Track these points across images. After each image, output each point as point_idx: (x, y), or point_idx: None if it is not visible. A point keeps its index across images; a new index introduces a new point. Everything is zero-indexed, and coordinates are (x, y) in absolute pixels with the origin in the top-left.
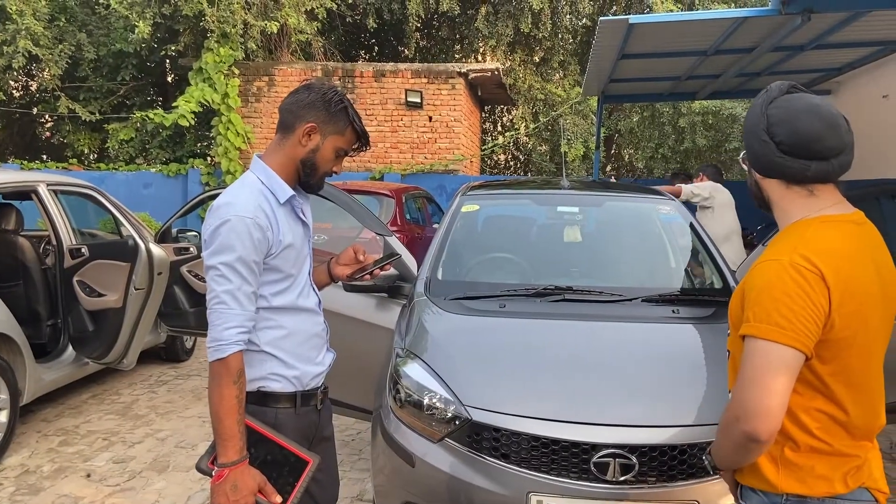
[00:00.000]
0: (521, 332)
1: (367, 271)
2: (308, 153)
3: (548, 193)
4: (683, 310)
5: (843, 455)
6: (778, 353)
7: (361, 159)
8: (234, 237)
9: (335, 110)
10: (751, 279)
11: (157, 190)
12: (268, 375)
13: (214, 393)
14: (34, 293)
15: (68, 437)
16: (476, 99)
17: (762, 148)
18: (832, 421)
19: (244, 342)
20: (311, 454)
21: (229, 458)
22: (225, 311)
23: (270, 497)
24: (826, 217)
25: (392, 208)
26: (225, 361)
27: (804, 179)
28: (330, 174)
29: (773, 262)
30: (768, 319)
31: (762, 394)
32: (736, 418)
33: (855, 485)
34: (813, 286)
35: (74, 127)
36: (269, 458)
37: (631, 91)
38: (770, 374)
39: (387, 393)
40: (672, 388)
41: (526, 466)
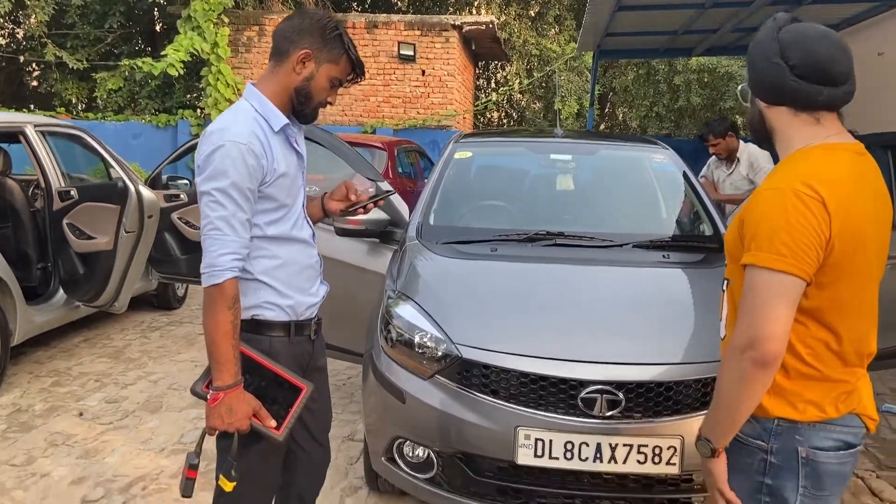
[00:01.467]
0: (512, 275)
1: (360, 205)
2: (302, 81)
3: (541, 141)
4: (674, 255)
5: (833, 381)
6: (780, 280)
7: (353, 113)
8: (228, 163)
9: (330, 37)
10: (751, 208)
11: (147, 140)
12: (262, 304)
13: (209, 318)
14: (23, 236)
15: (60, 379)
16: (470, 53)
17: (774, 72)
18: (825, 347)
19: (239, 269)
20: (305, 381)
21: (224, 381)
22: (220, 237)
23: (265, 421)
24: (828, 144)
25: (384, 161)
26: (220, 287)
27: (814, 105)
28: (324, 104)
29: (774, 190)
30: (770, 248)
31: (767, 321)
32: (742, 349)
33: (846, 410)
34: (814, 213)
35: (62, 75)
36: (264, 384)
37: (627, 46)
38: (773, 301)
39: (378, 333)
40: (660, 328)
41: (514, 402)
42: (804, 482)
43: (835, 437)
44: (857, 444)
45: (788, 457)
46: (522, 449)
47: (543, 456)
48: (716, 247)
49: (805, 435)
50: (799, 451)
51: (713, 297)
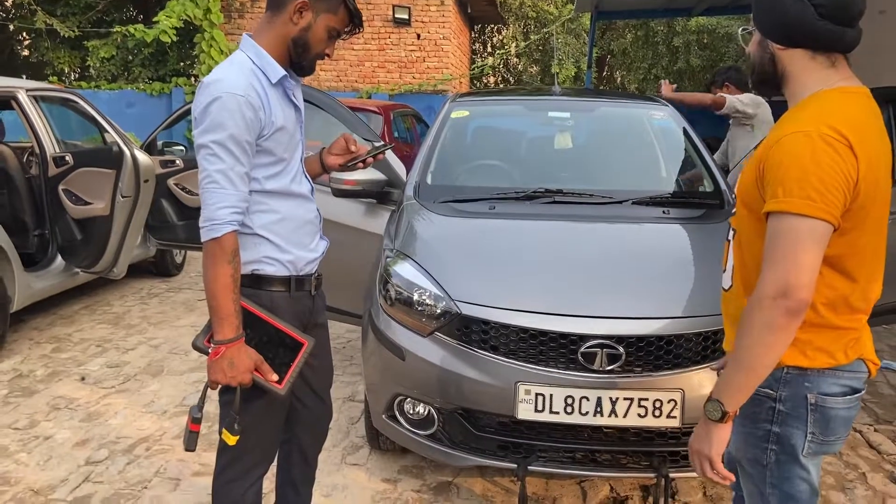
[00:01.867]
0: (511, 232)
1: (359, 160)
2: (300, 31)
3: (539, 99)
4: (674, 211)
5: (843, 328)
6: (810, 226)
7: (348, 79)
8: (225, 115)
9: None
10: (776, 153)
11: (141, 109)
12: (262, 258)
13: (209, 272)
14: (19, 202)
15: (61, 344)
16: (466, 16)
17: (797, 11)
18: (839, 296)
19: (238, 222)
20: (307, 336)
21: (225, 335)
22: (217, 190)
23: (267, 375)
24: (844, 88)
25: (380, 125)
26: (219, 241)
27: (834, 47)
28: (322, 56)
29: (800, 133)
30: (800, 193)
31: (799, 268)
32: (773, 297)
33: (854, 356)
34: (843, 157)
35: (53, 44)
36: (265, 338)
37: (625, 6)
38: (805, 248)
39: (377, 293)
40: (659, 283)
41: (514, 358)
42: (812, 428)
43: (842, 383)
44: (861, 388)
45: (797, 404)
46: (522, 404)
47: (544, 411)
48: (716, 203)
49: (814, 381)
50: (808, 398)
51: (713, 252)
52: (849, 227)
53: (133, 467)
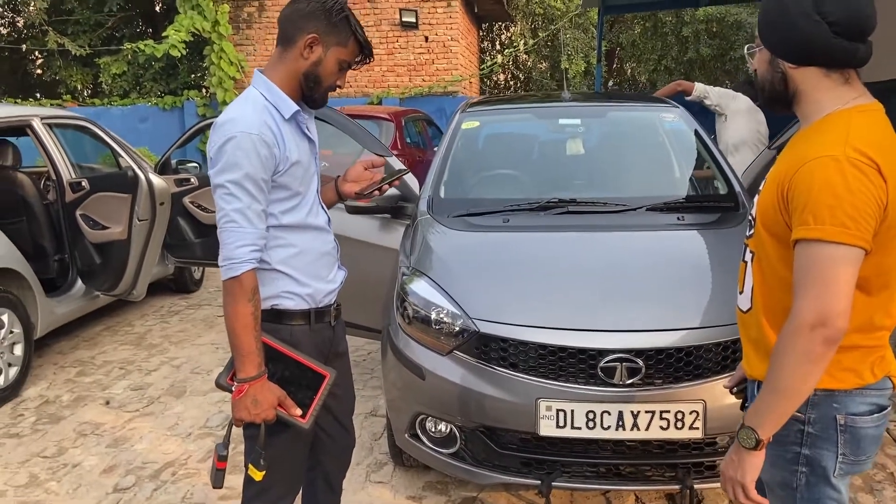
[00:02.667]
0: (526, 245)
1: (375, 187)
2: (311, 66)
3: (549, 106)
4: (689, 216)
5: (869, 347)
6: (845, 254)
7: (358, 84)
8: (240, 154)
9: (337, 20)
10: (804, 178)
11: (154, 123)
12: (281, 293)
13: (230, 311)
14: (38, 229)
15: (85, 368)
16: (473, 16)
17: (812, 30)
18: (867, 317)
19: (256, 260)
20: (328, 368)
21: (248, 373)
22: (236, 229)
23: (290, 410)
24: (862, 107)
25: (392, 132)
26: (238, 279)
27: (850, 63)
28: (333, 88)
29: (828, 157)
30: (833, 220)
31: (837, 297)
32: (812, 327)
33: (881, 374)
34: (873, 181)
35: (65, 62)
36: (287, 373)
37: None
38: (840, 276)
39: (394, 311)
40: (677, 292)
41: (534, 374)
42: (843, 449)
43: (870, 402)
44: (887, 405)
45: (826, 426)
46: (544, 420)
47: (565, 426)
48: (731, 205)
49: (842, 402)
50: (837, 420)
51: (730, 259)
52: (876, 249)
53: (160, 493)
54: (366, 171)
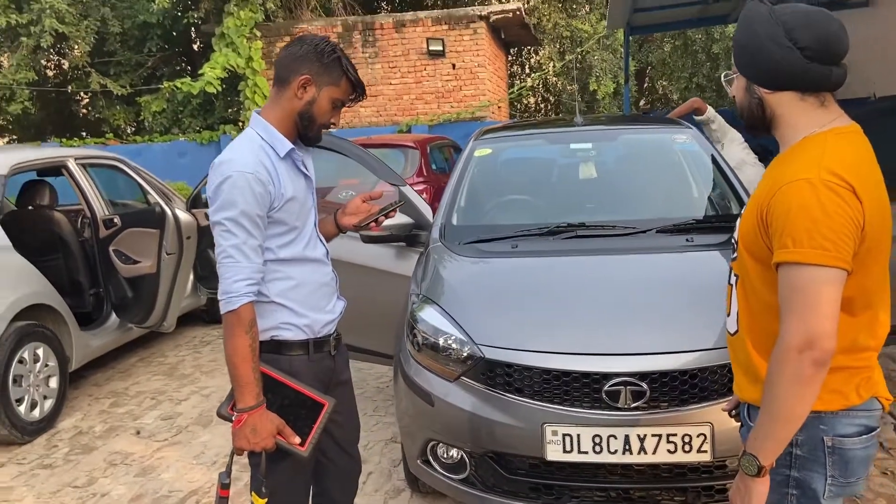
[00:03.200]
0: (533, 271)
1: (372, 219)
2: (304, 105)
3: (560, 131)
4: (698, 238)
5: (855, 368)
6: (826, 275)
7: (388, 113)
8: (236, 193)
9: (328, 61)
10: (780, 202)
11: (193, 158)
12: (279, 325)
13: (229, 343)
14: (74, 265)
15: (118, 399)
16: (500, 42)
17: (784, 56)
18: (851, 338)
19: (253, 293)
20: (326, 397)
21: (247, 403)
22: (233, 264)
23: (289, 438)
24: (838, 129)
25: (417, 159)
26: (236, 312)
27: (824, 87)
28: (328, 126)
29: (803, 181)
30: (811, 243)
31: (821, 318)
32: (799, 350)
33: (867, 395)
34: (849, 203)
35: (108, 102)
36: (287, 402)
37: (658, 20)
38: (824, 297)
39: (405, 338)
40: (683, 315)
41: (539, 399)
42: (832, 471)
43: (858, 423)
44: (876, 426)
45: (814, 447)
46: (551, 445)
47: (572, 451)
48: None
49: (829, 424)
50: (825, 441)
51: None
52: (857, 270)
53: None
54: (364, 203)
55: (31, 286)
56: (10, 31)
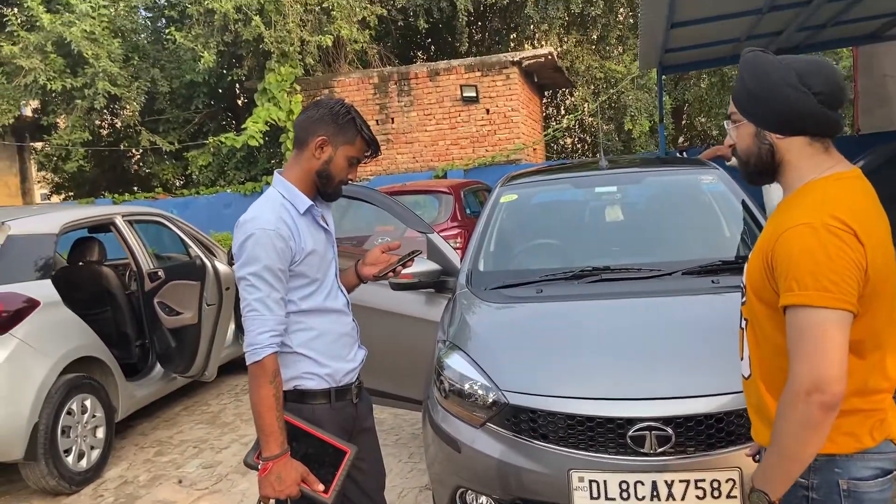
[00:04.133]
0: (557, 316)
1: (391, 268)
2: (322, 164)
3: (585, 175)
4: (724, 279)
5: (867, 410)
6: (832, 318)
7: (424, 159)
8: (259, 249)
9: (343, 122)
10: (784, 246)
11: (237, 209)
12: (302, 374)
13: (254, 393)
14: (122, 317)
15: (162, 448)
16: (534, 85)
17: (800, 101)
18: (863, 380)
19: (277, 344)
20: (349, 444)
21: (272, 451)
22: (257, 317)
23: (313, 486)
24: (839, 174)
25: (451, 204)
26: (261, 363)
27: (831, 131)
28: (346, 182)
29: (804, 226)
30: (815, 285)
31: (829, 362)
32: (807, 393)
33: (881, 437)
34: (851, 246)
35: (158, 158)
36: (310, 450)
37: (690, 59)
38: (830, 340)
39: (433, 385)
40: (707, 358)
41: (564, 445)
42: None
43: (873, 466)
44: (892, 469)
45: (829, 490)
46: (577, 492)
47: (599, 498)
48: None
49: (844, 467)
50: (840, 484)
51: None
52: (863, 312)
53: None
54: (383, 254)
55: (79, 339)
56: (66, 94)
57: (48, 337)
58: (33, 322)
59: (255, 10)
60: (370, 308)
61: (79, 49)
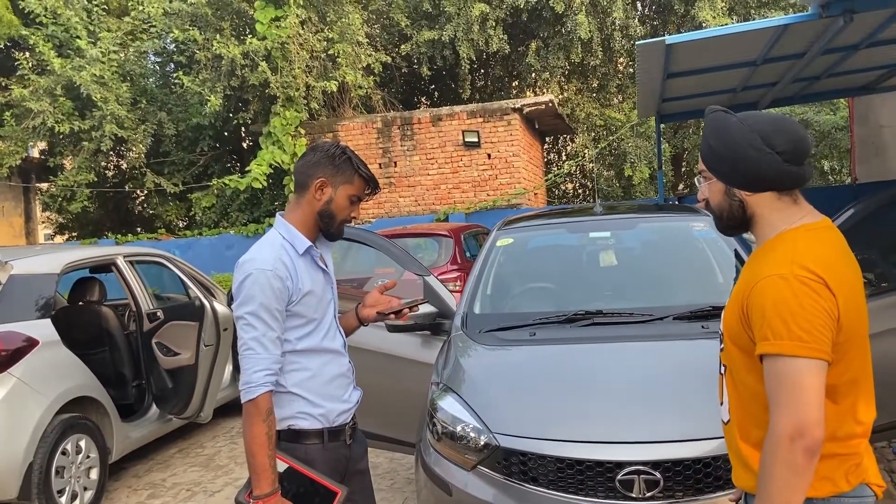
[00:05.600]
0: (549, 359)
1: (394, 310)
2: (323, 205)
3: (580, 221)
4: (713, 325)
5: (842, 455)
6: (807, 366)
7: (426, 202)
8: (256, 289)
9: (340, 163)
10: (757, 297)
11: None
12: (296, 414)
13: (247, 431)
14: (119, 357)
15: (156, 491)
16: (535, 131)
17: (765, 161)
18: (839, 425)
19: (272, 383)
20: (340, 485)
21: (263, 490)
22: (252, 356)
23: None
24: (808, 226)
25: (451, 247)
26: (255, 402)
27: (797, 185)
28: (348, 221)
29: (776, 277)
30: (789, 335)
31: (809, 408)
32: (791, 439)
33: (856, 482)
34: (822, 296)
35: (162, 199)
36: (301, 489)
37: (687, 108)
38: (808, 387)
39: (425, 427)
40: (695, 402)
41: (554, 488)
42: None
43: None
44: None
45: None
46: None
47: None
48: None
49: None
50: None
51: None
52: (837, 359)
53: None
54: (382, 295)
55: (77, 379)
56: (74, 136)
57: (46, 376)
58: (32, 361)
59: (261, 56)
60: (365, 349)
61: (88, 92)
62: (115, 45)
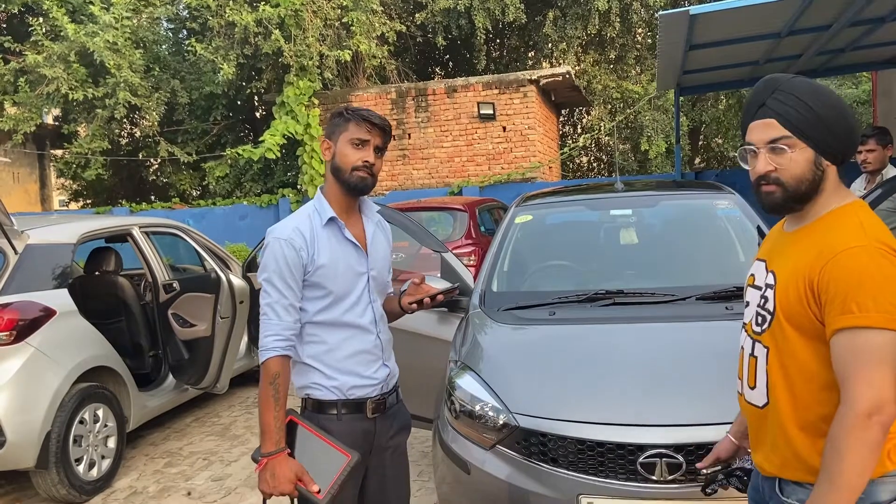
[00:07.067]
0: (569, 339)
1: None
2: (332, 160)
3: (601, 198)
4: (737, 305)
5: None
6: (892, 339)
7: (440, 175)
8: (270, 257)
9: (334, 118)
10: (836, 270)
11: (252, 220)
12: (311, 384)
13: (259, 391)
14: (136, 327)
15: (172, 459)
16: (551, 104)
17: (856, 132)
18: None
19: (282, 348)
20: (351, 451)
21: (267, 448)
22: (265, 321)
23: (308, 486)
24: (859, 202)
25: (466, 222)
26: (265, 364)
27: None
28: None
29: (857, 248)
30: (877, 307)
31: (886, 382)
32: (868, 415)
33: None
34: None
35: (175, 168)
36: (315, 452)
37: (708, 80)
38: (888, 361)
39: (443, 405)
40: (719, 386)
41: (574, 469)
42: None
43: (892, 489)
44: None
45: None
46: None
47: None
48: None
49: (867, 492)
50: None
51: None
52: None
53: None
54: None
55: (94, 349)
56: (87, 103)
57: (63, 346)
58: (49, 331)
59: (275, 23)
60: None
61: (101, 59)
62: (128, 10)
